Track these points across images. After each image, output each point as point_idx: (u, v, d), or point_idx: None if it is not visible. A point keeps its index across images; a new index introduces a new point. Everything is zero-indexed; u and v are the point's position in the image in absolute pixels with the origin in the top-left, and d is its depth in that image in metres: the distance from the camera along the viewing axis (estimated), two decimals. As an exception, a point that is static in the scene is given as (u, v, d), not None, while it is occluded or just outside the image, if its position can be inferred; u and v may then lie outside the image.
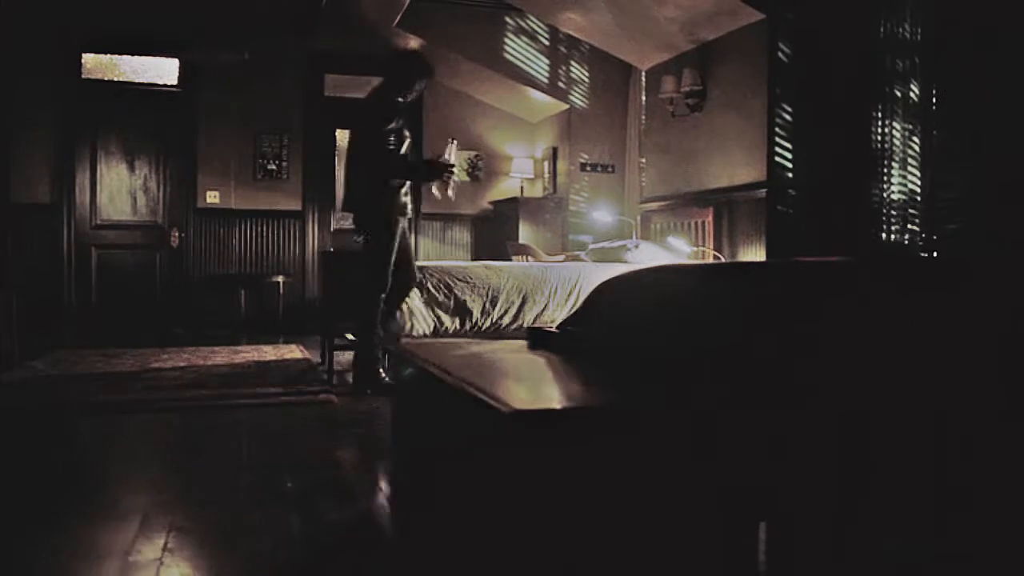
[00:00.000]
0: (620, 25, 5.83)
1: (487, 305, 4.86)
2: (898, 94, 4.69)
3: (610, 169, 7.47)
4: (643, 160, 7.03)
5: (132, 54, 7.17)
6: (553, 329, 2.59)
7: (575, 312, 2.61)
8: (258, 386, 4.41)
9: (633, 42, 6.07)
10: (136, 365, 5.14)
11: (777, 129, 4.96)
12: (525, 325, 4.93)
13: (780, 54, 4.96)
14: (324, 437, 3.38)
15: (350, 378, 4.92)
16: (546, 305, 4.96)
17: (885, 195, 4.76)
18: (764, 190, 4.97)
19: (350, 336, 5.17)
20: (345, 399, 4.20)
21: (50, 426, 3.50)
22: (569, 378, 1.91)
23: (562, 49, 7.31)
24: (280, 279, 7.32)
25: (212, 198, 7.30)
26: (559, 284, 5.03)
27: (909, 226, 4.70)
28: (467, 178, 7.91)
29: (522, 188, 8.00)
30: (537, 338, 2.59)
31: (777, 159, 4.95)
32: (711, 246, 5.28)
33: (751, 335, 1.88)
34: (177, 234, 7.23)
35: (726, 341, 1.93)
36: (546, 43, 7.27)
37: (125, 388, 4.31)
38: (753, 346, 1.83)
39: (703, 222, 5.41)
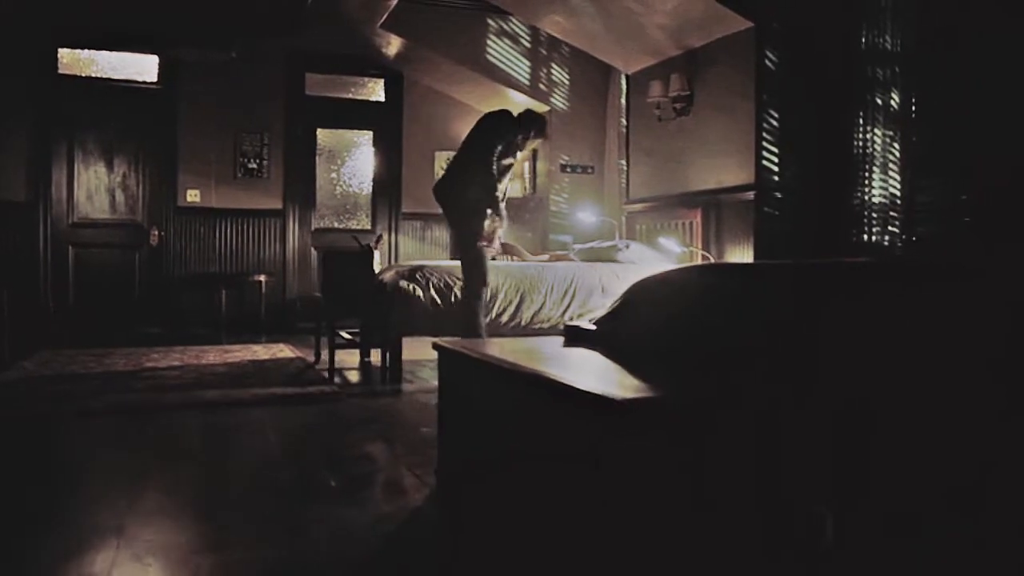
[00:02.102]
0: (608, 30, 5.97)
1: (486, 303, 4.93)
2: (879, 102, 4.92)
3: (590, 170, 7.61)
4: (622, 162, 7.18)
5: (110, 50, 7.07)
6: (590, 327, 2.70)
7: (611, 311, 2.72)
8: (263, 385, 4.43)
9: (620, 46, 6.21)
10: (130, 365, 5.11)
11: (764, 134, 5.15)
12: (523, 323, 5.03)
13: (767, 61, 5.15)
14: (348, 433, 3.43)
15: (352, 376, 4.98)
16: (543, 304, 5.06)
17: (866, 198, 4.98)
18: (751, 192, 5.15)
19: (346, 335, 5.23)
20: (353, 397, 4.25)
21: (68, 428, 3.49)
22: (635, 373, 2.01)
23: (543, 51, 7.43)
24: (262, 278, 7.30)
25: (192, 197, 7.24)
26: (555, 283, 5.14)
27: (889, 228, 4.93)
28: (447, 178, 7.95)
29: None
30: (575, 335, 2.70)
31: (764, 163, 5.15)
32: (699, 246, 5.45)
33: (787, 333, 2.01)
34: (157, 233, 7.16)
35: (763, 340, 2.07)
36: (527, 45, 7.38)
37: (129, 388, 4.29)
38: (791, 343, 1.97)
39: (691, 223, 5.57)
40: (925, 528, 1.76)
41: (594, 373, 2.00)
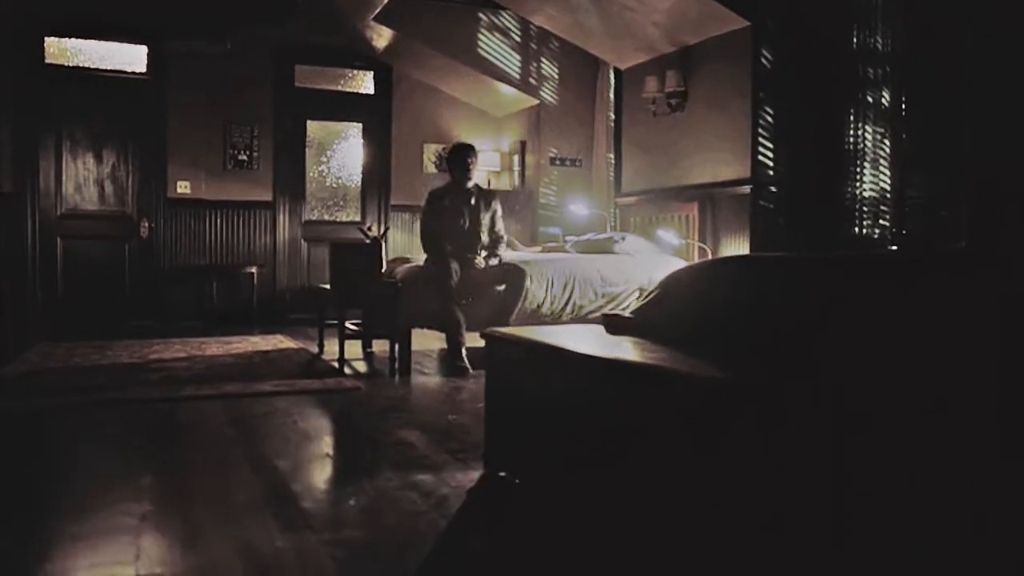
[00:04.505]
0: (603, 26, 6.08)
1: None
2: (870, 99, 5.11)
3: (578, 163, 7.74)
4: (611, 155, 7.31)
5: (98, 39, 6.99)
6: (628, 315, 2.82)
7: (648, 301, 2.84)
8: (279, 376, 4.48)
9: (614, 42, 6.33)
10: (135, 357, 5.11)
11: (760, 130, 5.32)
12: (526, 312, 5.14)
13: (763, 60, 5.31)
14: (378, 422, 3.51)
15: (360, 367, 5.05)
16: (545, 294, 5.16)
17: (858, 193, 5.18)
18: (746, 186, 5.31)
19: (352, 326, 5.29)
20: (369, 386, 4.32)
21: (100, 418, 3.52)
22: (696, 358, 2.13)
23: (533, 46, 7.53)
24: (254, 270, 7.30)
25: (183, 188, 7.20)
26: (555, 275, 5.24)
27: (880, 222, 5.13)
28: (435, 170, 8.02)
29: (489, 181, 8.17)
30: (614, 324, 2.81)
31: (760, 158, 5.31)
32: (696, 239, 5.60)
33: (822, 322, 2.15)
34: (147, 225, 7.11)
35: (797, 329, 2.21)
36: (518, 39, 7.47)
37: (146, 380, 4.31)
38: (826, 332, 2.11)
39: (687, 216, 5.72)
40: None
41: (659, 359, 2.12)
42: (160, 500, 2.40)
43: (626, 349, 2.28)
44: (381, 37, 7.40)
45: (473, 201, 5.26)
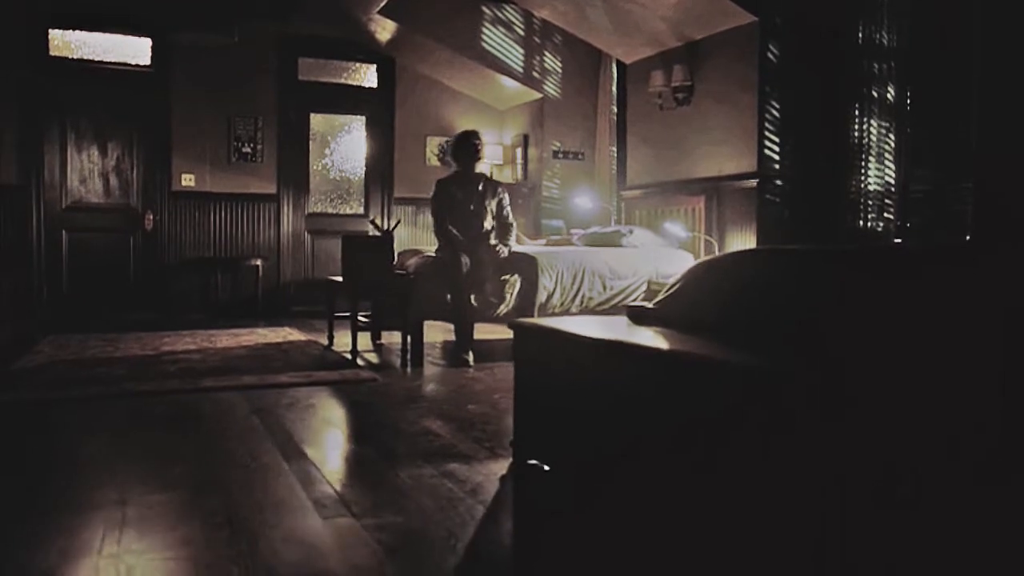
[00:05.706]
0: (609, 20, 6.13)
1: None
2: (875, 95, 5.18)
3: (580, 156, 7.79)
4: (613, 149, 7.37)
5: (102, 32, 6.99)
6: (650, 307, 2.88)
7: (670, 294, 2.90)
8: (295, 368, 4.52)
9: (620, 37, 6.38)
10: (148, 349, 5.14)
11: (766, 124, 5.38)
12: (534, 307, 5.20)
13: (769, 54, 5.37)
14: (399, 412, 3.56)
15: (371, 358, 5.09)
16: (555, 287, 5.22)
17: (863, 186, 5.25)
18: (752, 180, 5.38)
19: (362, 318, 5.33)
20: (384, 377, 4.37)
21: (130, 409, 3.55)
22: (721, 347, 2.19)
23: (536, 39, 7.56)
24: (259, 262, 7.33)
25: (187, 181, 7.22)
26: (565, 269, 5.30)
27: (884, 215, 5.21)
28: (438, 163, 8.05)
29: (491, 174, 8.21)
30: (637, 315, 2.87)
31: (766, 152, 5.38)
32: (702, 231, 5.67)
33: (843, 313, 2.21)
34: (151, 217, 7.12)
35: (820, 320, 2.26)
36: (521, 33, 7.51)
37: (164, 372, 4.34)
38: (847, 323, 2.17)
39: (694, 209, 5.79)
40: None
41: (689, 347, 2.17)
42: (195, 488, 2.44)
43: (654, 338, 2.34)
44: (384, 30, 7.42)
45: (481, 188, 5.24)
